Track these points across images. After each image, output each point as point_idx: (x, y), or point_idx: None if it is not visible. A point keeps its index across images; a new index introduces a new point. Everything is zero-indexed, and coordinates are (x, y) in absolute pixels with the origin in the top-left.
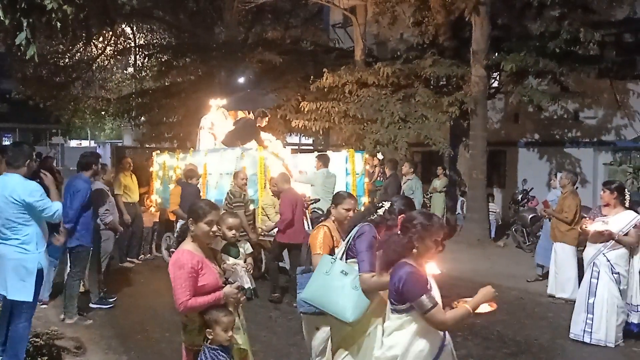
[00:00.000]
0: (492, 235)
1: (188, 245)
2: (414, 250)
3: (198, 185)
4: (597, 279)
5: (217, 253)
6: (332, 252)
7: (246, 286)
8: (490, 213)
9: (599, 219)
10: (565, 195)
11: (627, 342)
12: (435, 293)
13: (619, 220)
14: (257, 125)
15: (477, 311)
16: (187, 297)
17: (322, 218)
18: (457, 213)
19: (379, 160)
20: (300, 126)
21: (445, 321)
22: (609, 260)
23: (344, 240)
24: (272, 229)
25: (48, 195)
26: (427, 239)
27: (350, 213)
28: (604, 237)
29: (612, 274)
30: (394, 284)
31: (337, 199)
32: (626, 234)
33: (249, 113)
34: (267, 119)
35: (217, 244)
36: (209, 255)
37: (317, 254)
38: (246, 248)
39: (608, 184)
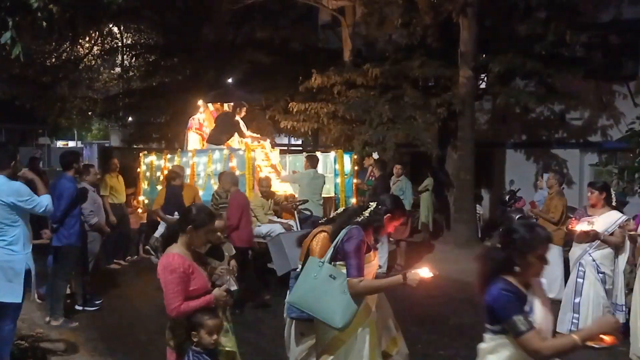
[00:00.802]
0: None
1: (177, 248)
2: (516, 268)
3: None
4: (583, 279)
5: (203, 256)
6: None
7: (232, 288)
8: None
9: (585, 219)
10: (552, 195)
11: None
12: (540, 317)
13: (605, 220)
14: (237, 116)
15: (590, 343)
16: (179, 301)
17: (320, 221)
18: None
19: (374, 160)
20: (289, 127)
21: (541, 350)
22: (594, 260)
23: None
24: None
25: (35, 190)
26: (528, 255)
27: None
28: (589, 237)
29: (598, 273)
30: (487, 301)
31: None
32: (612, 234)
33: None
34: (244, 109)
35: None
36: (195, 258)
37: None
38: (229, 250)
39: (593, 184)
